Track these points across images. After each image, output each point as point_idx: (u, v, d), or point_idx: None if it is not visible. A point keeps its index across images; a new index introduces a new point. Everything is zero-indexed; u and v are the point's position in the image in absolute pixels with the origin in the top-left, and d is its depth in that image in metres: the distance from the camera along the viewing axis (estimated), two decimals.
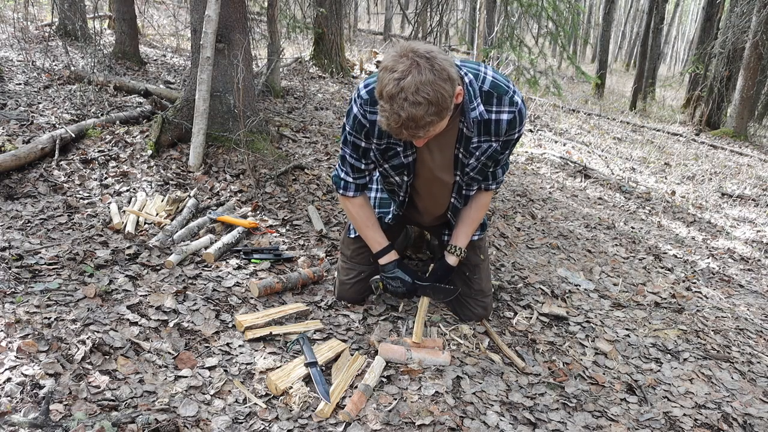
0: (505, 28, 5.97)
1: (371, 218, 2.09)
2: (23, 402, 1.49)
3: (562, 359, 2.15)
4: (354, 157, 1.95)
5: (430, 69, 1.48)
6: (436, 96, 1.48)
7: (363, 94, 1.79)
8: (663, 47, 25.41)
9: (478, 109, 1.76)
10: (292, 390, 1.70)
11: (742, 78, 8.99)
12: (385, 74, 1.51)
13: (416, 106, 1.48)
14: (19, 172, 2.96)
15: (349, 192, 2.03)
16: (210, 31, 3.15)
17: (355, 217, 2.09)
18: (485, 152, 1.87)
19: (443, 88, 1.49)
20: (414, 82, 1.46)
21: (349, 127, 1.87)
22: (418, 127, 1.52)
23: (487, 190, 2.09)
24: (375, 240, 2.09)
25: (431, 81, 1.47)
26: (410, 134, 1.56)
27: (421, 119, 1.50)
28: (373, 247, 2.11)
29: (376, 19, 19.74)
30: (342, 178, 2.02)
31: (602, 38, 13.13)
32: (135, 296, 2.06)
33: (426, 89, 1.47)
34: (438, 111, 1.51)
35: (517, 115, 1.80)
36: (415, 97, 1.47)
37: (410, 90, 1.46)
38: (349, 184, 2.02)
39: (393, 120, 1.51)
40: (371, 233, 2.09)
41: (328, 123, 4.99)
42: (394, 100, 1.49)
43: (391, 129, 1.56)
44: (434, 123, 1.54)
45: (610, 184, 5.15)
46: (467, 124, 1.79)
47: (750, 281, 3.35)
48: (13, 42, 5.74)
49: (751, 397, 2.06)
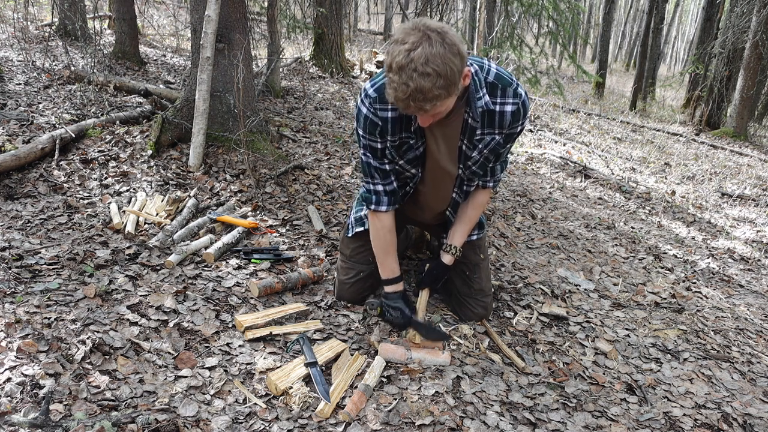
0: (506, 28, 5.96)
1: (393, 245, 2.06)
2: (23, 402, 1.49)
3: (562, 359, 2.15)
4: (377, 161, 1.92)
5: (441, 42, 1.47)
6: (445, 69, 1.47)
7: (371, 93, 1.78)
8: (663, 47, 25.42)
9: (483, 99, 1.77)
10: (292, 390, 1.70)
11: (742, 78, 8.99)
12: (396, 46, 1.50)
13: (425, 78, 1.46)
14: (19, 172, 2.96)
15: (382, 206, 1.98)
16: (210, 31, 3.15)
17: (380, 238, 2.04)
18: (488, 145, 1.87)
19: (453, 62, 1.48)
20: (424, 54, 1.45)
21: (361, 130, 1.85)
22: (425, 99, 1.51)
23: (485, 188, 2.09)
24: (390, 267, 2.07)
25: (441, 54, 1.46)
26: (417, 107, 1.54)
27: (429, 91, 1.49)
28: (385, 273, 2.08)
29: (376, 19, 19.74)
30: (372, 191, 1.97)
31: (602, 38, 13.13)
32: (135, 296, 2.06)
33: (436, 61, 1.46)
34: (446, 85, 1.50)
35: (521, 107, 1.80)
36: (424, 68, 1.46)
37: (420, 61, 1.45)
38: (381, 196, 1.97)
39: (401, 91, 1.50)
40: (389, 260, 2.06)
41: (328, 123, 4.99)
42: (403, 71, 1.47)
43: (397, 101, 1.55)
44: (441, 97, 1.52)
45: (610, 184, 5.15)
46: (473, 114, 1.79)
47: (750, 281, 3.35)
48: (13, 42, 5.74)
49: (751, 397, 2.06)
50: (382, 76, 1.78)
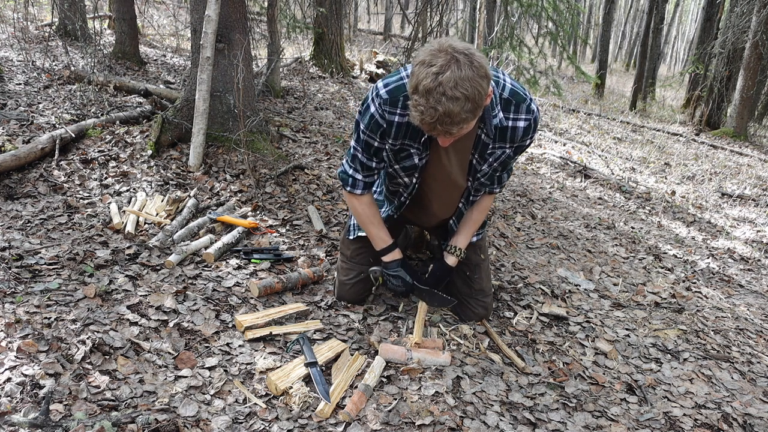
0: (505, 28, 5.96)
1: (377, 216, 2.08)
2: (23, 402, 1.49)
3: (562, 359, 2.15)
4: (366, 156, 1.93)
5: (469, 65, 1.46)
6: (473, 92, 1.46)
7: (383, 94, 1.76)
8: (663, 47, 25.42)
9: (498, 116, 1.77)
10: (292, 390, 1.70)
11: (742, 78, 8.98)
12: (422, 68, 1.48)
13: (454, 102, 1.45)
14: (19, 172, 2.96)
15: (357, 190, 2.02)
16: (210, 31, 3.15)
17: (360, 213, 2.07)
18: (498, 158, 1.88)
19: (480, 86, 1.48)
20: (453, 77, 1.44)
21: (363, 125, 1.84)
22: (453, 123, 1.50)
23: (491, 193, 2.10)
24: (380, 237, 2.08)
25: (470, 77, 1.45)
26: (443, 130, 1.53)
27: (457, 115, 1.48)
28: (377, 245, 2.10)
29: (376, 19, 19.73)
30: (350, 175, 2.00)
31: (602, 38, 13.13)
32: (135, 296, 2.06)
33: (465, 84, 1.45)
34: (473, 108, 1.49)
35: (533, 123, 1.81)
36: (453, 92, 1.44)
37: (449, 85, 1.44)
38: (358, 182, 2.00)
39: (428, 115, 1.49)
40: (376, 230, 2.08)
41: (328, 123, 4.99)
42: (431, 95, 1.46)
43: (424, 124, 1.53)
44: (468, 120, 1.51)
45: (610, 184, 5.15)
46: (487, 131, 1.79)
47: (750, 281, 3.35)
48: (13, 42, 5.74)
49: (751, 397, 2.06)
50: (396, 78, 1.76)
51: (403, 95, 1.74)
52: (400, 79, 1.76)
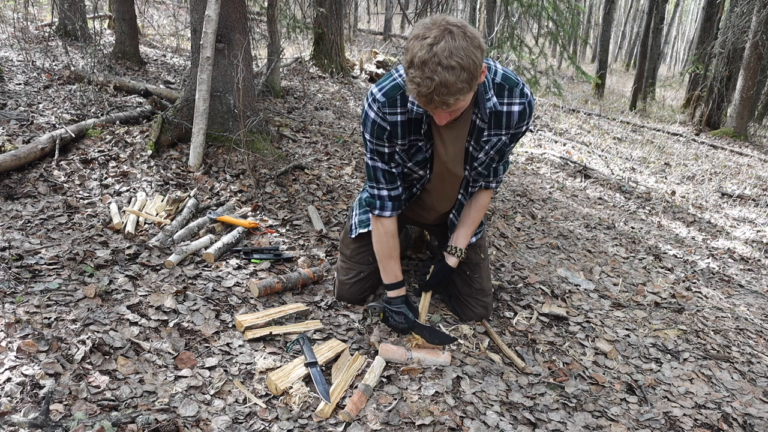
0: (505, 28, 5.97)
1: (397, 249, 2.06)
2: (23, 402, 1.49)
3: (562, 359, 2.15)
4: (382, 162, 1.92)
5: (463, 36, 1.46)
6: (468, 62, 1.46)
7: (378, 97, 1.77)
8: (663, 47, 25.42)
9: (492, 101, 1.77)
10: (292, 390, 1.70)
11: (742, 78, 8.98)
12: (416, 41, 1.48)
13: (449, 71, 1.45)
14: (19, 172, 2.96)
15: (386, 211, 1.99)
16: (210, 31, 3.15)
17: (383, 243, 2.04)
18: (495, 146, 1.88)
19: (475, 55, 1.47)
20: (447, 47, 1.44)
21: (369, 135, 1.84)
22: (449, 93, 1.49)
23: (488, 189, 2.10)
24: (393, 272, 2.07)
25: (464, 47, 1.45)
26: (440, 101, 1.52)
27: (453, 85, 1.47)
28: (388, 278, 2.08)
29: (376, 19, 19.72)
30: (375, 195, 1.97)
31: (602, 38, 13.12)
32: (135, 296, 2.06)
33: (460, 53, 1.45)
34: (469, 78, 1.48)
35: (527, 107, 1.81)
36: (448, 62, 1.44)
37: (444, 54, 1.44)
38: (385, 201, 1.97)
39: (425, 86, 1.48)
40: (392, 264, 2.06)
41: (328, 123, 4.99)
42: (426, 65, 1.46)
43: (420, 96, 1.52)
44: (464, 91, 1.50)
45: (610, 184, 5.15)
46: (481, 115, 1.79)
47: (750, 281, 3.35)
48: (13, 42, 5.74)
49: (751, 397, 2.06)
50: (389, 80, 1.77)
51: (399, 93, 1.75)
52: (393, 80, 1.77)
